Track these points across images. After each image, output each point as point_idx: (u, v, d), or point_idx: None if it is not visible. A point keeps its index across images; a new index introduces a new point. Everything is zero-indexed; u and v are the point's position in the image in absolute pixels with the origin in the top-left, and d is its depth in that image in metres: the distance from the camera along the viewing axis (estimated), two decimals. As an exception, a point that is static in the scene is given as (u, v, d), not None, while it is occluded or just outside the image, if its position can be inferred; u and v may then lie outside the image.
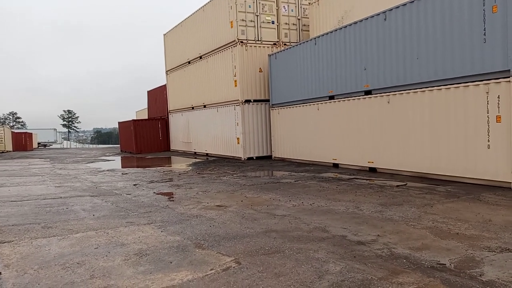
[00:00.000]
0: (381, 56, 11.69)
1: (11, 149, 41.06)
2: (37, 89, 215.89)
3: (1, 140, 39.03)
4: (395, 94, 11.26)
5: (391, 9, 11.25)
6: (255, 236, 5.61)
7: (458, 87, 9.45)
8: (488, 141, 8.84)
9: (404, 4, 10.78)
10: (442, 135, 9.91)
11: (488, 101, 8.80)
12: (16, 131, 53.34)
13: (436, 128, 10.08)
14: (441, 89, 9.89)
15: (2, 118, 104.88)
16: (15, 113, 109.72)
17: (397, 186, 9.43)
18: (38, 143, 59.37)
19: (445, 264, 4.30)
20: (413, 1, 10.51)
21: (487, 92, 8.80)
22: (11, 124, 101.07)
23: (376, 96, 11.95)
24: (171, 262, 4.64)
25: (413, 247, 4.88)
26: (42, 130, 66.76)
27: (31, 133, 52.39)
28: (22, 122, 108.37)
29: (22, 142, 45.26)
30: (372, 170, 12.25)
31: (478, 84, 9.00)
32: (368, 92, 12.30)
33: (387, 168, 11.71)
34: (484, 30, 8.79)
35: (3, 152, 38.10)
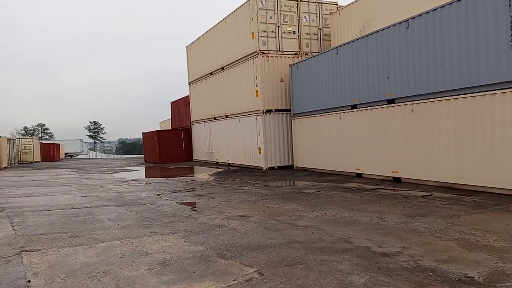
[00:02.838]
0: (404, 65, 11.56)
1: (40, 160, 42.28)
2: (65, 100, 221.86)
3: (30, 151, 40.29)
4: (419, 103, 11.09)
5: (414, 17, 11.14)
6: (278, 246, 5.59)
7: (485, 95, 9.24)
8: (517, 150, 8.59)
9: (427, 12, 10.66)
10: (468, 144, 9.69)
11: (516, 109, 8.57)
12: (44, 142, 54.94)
13: (461, 137, 9.86)
14: (466, 97, 9.69)
15: (31, 130, 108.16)
16: (43, 125, 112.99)
17: (422, 196, 9.24)
18: (65, 154, 60.95)
19: (474, 277, 4.18)
20: (436, 9, 10.39)
21: (515, 100, 8.57)
22: (40, 135, 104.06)
23: (400, 105, 11.80)
24: (194, 272, 4.67)
25: (439, 259, 4.76)
26: (69, 141, 68.56)
27: (59, 144, 53.94)
28: (50, 133, 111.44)
29: (50, 153, 46.59)
30: (396, 180, 12.05)
31: (505, 92, 8.79)
32: (391, 101, 12.16)
33: (411, 178, 11.50)
34: (511, 36, 8.59)
35: (32, 162, 39.27)
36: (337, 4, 20.37)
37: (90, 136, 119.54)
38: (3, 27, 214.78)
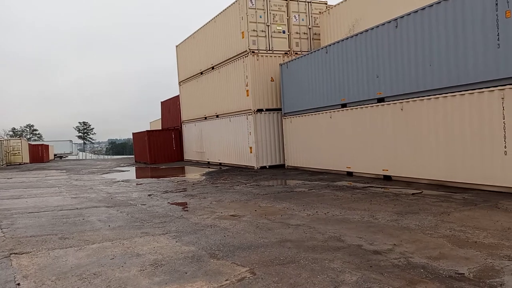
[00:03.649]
0: (393, 64, 11.64)
1: (28, 161, 41.76)
2: (54, 101, 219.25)
3: (19, 152, 39.78)
4: (409, 101, 11.18)
5: (403, 16, 11.22)
6: (270, 246, 5.59)
7: (473, 93, 9.34)
8: (505, 147, 8.70)
9: (416, 11, 10.74)
10: (458, 142, 9.79)
11: (503, 107, 8.68)
12: (33, 143, 54.30)
13: (451, 135, 9.96)
14: (455, 95, 9.79)
15: (19, 131, 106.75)
16: (32, 126, 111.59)
17: (413, 194, 9.32)
18: (55, 155, 60.27)
19: (464, 274, 4.22)
20: (424, 8, 10.48)
21: (503, 98, 8.68)
22: (28, 137, 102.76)
23: (389, 104, 11.87)
24: (186, 273, 4.65)
25: (430, 256, 4.80)
26: (58, 142, 67.85)
27: (48, 145, 53.31)
28: (38, 134, 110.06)
29: (39, 154, 46.05)
30: (387, 178, 12.13)
31: (493, 90, 8.90)
32: (381, 100, 12.23)
33: (402, 176, 11.58)
34: (498, 35, 8.70)
35: (20, 164, 38.78)
36: (326, 3, 20.44)
37: (79, 137, 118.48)
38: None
